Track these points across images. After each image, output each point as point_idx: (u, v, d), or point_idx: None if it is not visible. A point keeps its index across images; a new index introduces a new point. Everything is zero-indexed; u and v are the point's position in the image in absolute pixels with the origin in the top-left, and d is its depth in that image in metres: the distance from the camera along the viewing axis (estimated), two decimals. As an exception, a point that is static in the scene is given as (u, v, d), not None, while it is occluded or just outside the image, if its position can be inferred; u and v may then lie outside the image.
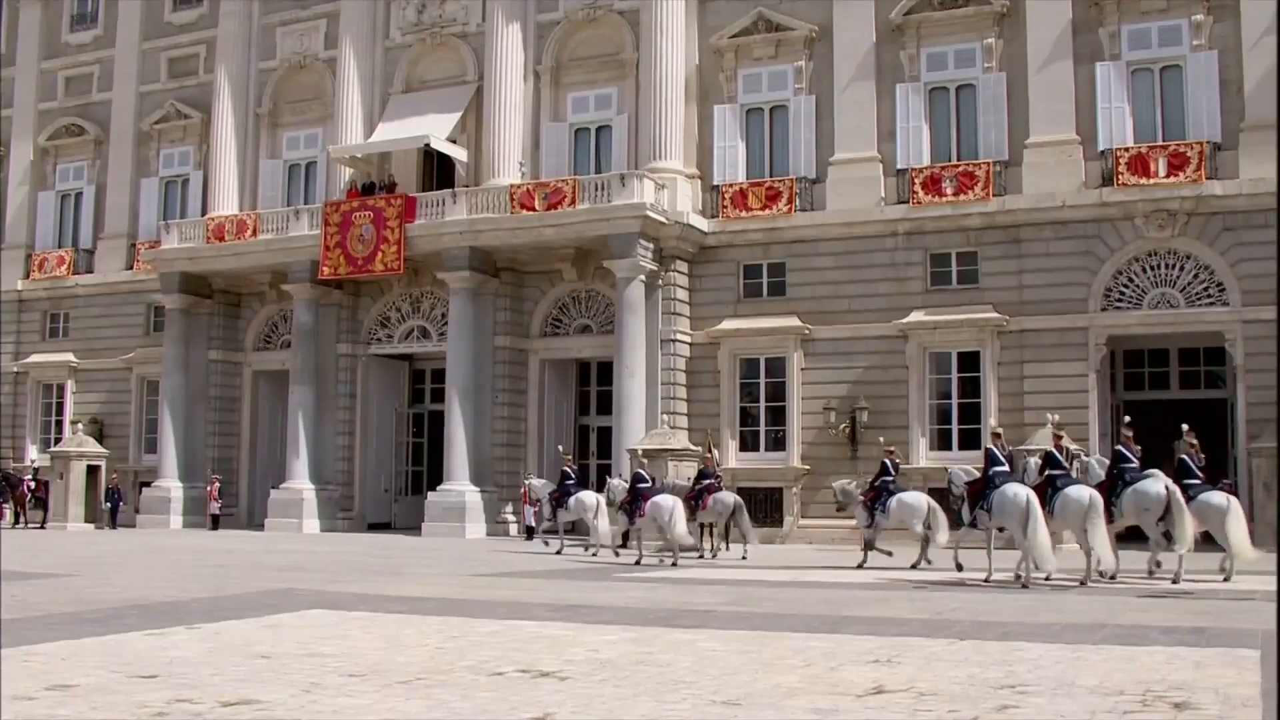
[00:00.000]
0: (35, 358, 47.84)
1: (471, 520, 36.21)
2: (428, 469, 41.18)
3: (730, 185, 36.41)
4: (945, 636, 12.14)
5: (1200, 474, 21.19)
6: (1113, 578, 19.65)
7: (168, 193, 46.42)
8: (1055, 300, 32.60)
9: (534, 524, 34.62)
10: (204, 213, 43.77)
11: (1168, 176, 31.66)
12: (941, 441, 33.57)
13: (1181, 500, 19.73)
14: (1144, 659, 10.45)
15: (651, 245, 35.11)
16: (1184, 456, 21.55)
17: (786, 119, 36.66)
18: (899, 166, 34.87)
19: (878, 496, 24.11)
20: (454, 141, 40.18)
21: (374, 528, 40.21)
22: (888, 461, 24.86)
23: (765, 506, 34.68)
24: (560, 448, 34.72)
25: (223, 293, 43.11)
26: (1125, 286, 32.42)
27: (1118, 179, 32.14)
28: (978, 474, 21.18)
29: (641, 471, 27.16)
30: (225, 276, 42.36)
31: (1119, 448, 21.37)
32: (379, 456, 41.26)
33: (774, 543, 33.06)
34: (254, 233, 40.56)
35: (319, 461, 39.65)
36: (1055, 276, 32.66)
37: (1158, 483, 20.12)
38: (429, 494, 37.49)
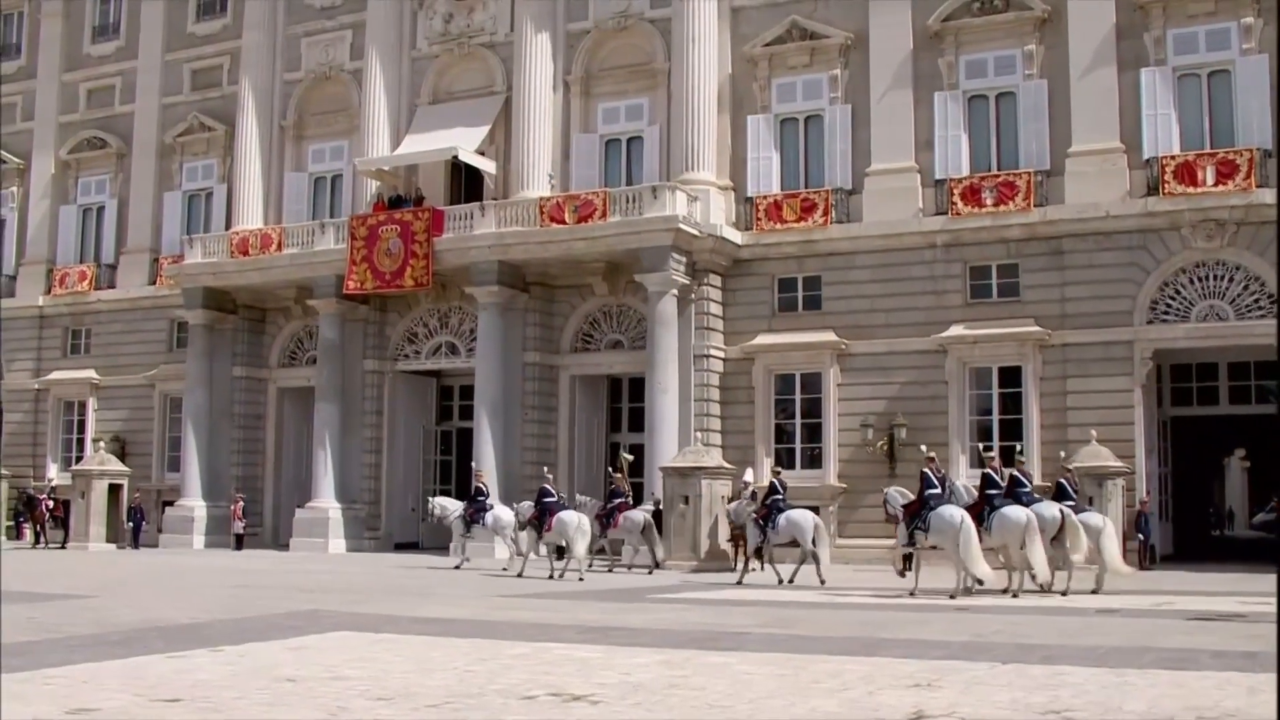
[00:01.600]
0: (56, 374, 48.13)
1: (500, 540, 36.16)
2: (455, 487, 41.16)
3: (764, 197, 36.38)
4: (987, 660, 12.07)
5: (1075, 496, 23.85)
6: (1033, 588, 21.97)
7: (191, 206, 46.72)
8: (1099, 313, 32.40)
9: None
10: (228, 227, 44.02)
11: (1216, 185, 31.43)
12: (982, 458, 33.37)
13: (1075, 520, 22.18)
14: (1194, 684, 10.36)
15: (684, 259, 35.11)
16: (1061, 480, 24.12)
17: (821, 129, 36.61)
18: (937, 177, 34.77)
19: (769, 514, 26.41)
20: (482, 153, 40.29)
21: (400, 547, 40.29)
22: (776, 481, 27.21)
23: (801, 526, 34.56)
24: (474, 464, 35.06)
25: (247, 308, 43.32)
26: (1172, 299, 32.20)
27: (1164, 188, 31.94)
28: (913, 496, 23.13)
29: (547, 487, 28.70)
30: (249, 292, 42.57)
31: (1013, 472, 23.35)
32: (406, 475, 41.33)
33: (809, 563, 32.85)
34: (279, 247, 40.75)
35: (345, 480, 39.75)
36: (1099, 289, 32.48)
37: (1051, 506, 22.49)
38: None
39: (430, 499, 34.59)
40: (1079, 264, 32.78)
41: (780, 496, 26.70)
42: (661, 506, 31.82)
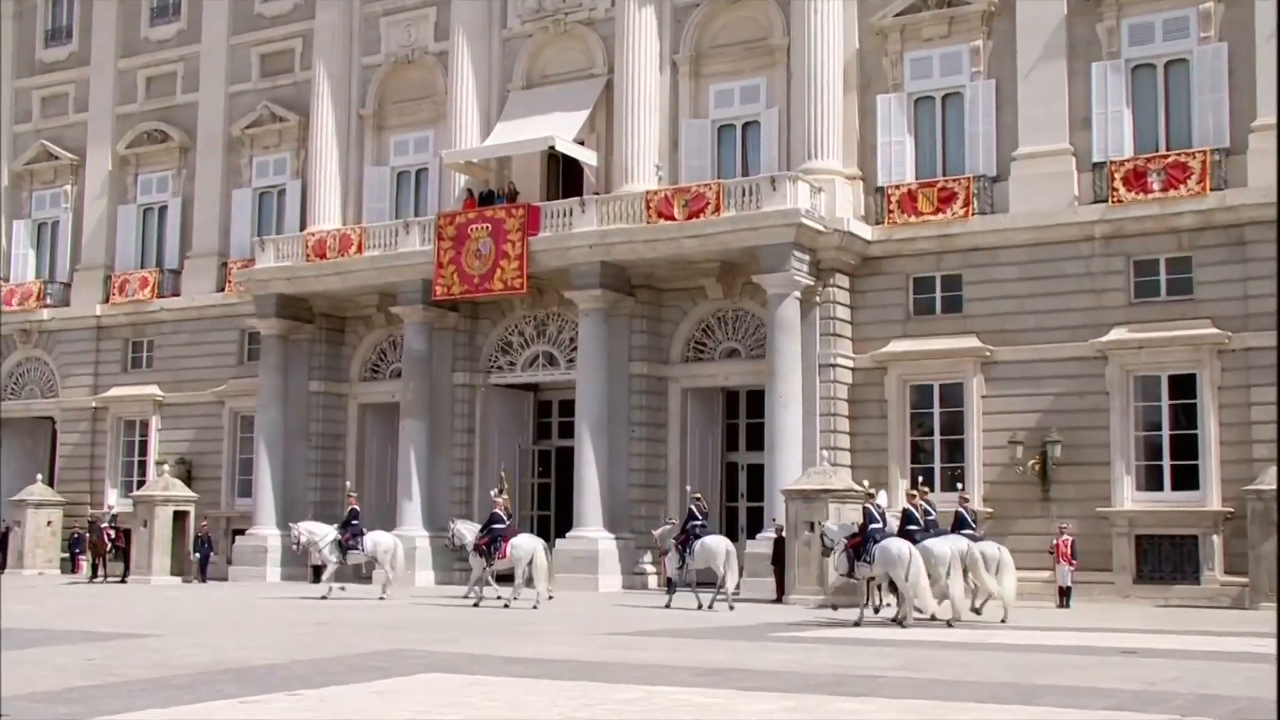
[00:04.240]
0: (116, 391, 48.91)
1: (605, 571, 36.30)
2: (555, 513, 41.35)
3: (897, 186, 36.13)
4: (1162, 712, 11.84)
5: (974, 525, 27.28)
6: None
7: (262, 205, 47.34)
8: (1287, 313, 31.70)
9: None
10: (303, 227, 44.56)
11: None
12: (1151, 480, 32.82)
13: (978, 554, 25.49)
14: None
15: (807, 257, 34.97)
16: (960, 510, 27.39)
17: (961, 108, 36.30)
18: (1096, 160, 34.28)
19: (688, 540, 29.45)
20: (581, 143, 40.46)
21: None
22: (694, 508, 30.12)
23: (943, 556, 34.26)
24: (348, 484, 36.19)
25: (325, 316, 43.83)
26: (1376, 294, 31.34)
27: (1365, 166, 31.16)
28: (855, 529, 26.43)
29: (499, 513, 30.12)
30: (327, 298, 43.07)
31: (908, 508, 26.66)
32: (500, 499, 41.46)
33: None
34: (359, 249, 41.14)
35: (433, 505, 39.96)
36: (1287, 285, 31.75)
37: (960, 540, 25.71)
38: (557, 541, 37.45)
39: (293, 524, 35.27)
40: (1264, 255, 31.95)
41: (699, 522, 29.67)
42: (784, 533, 31.75)
